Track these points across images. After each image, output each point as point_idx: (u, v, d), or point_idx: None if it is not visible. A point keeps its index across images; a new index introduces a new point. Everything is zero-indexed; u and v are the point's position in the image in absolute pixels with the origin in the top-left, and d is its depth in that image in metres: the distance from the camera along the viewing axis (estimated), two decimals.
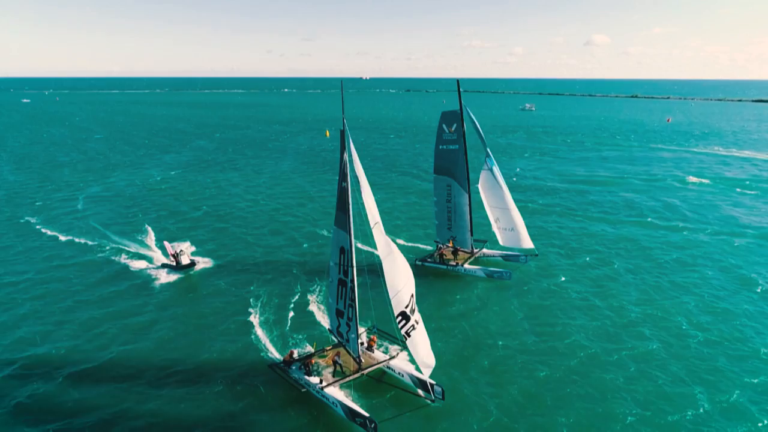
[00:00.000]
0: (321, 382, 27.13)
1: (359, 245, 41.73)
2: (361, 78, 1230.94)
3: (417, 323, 25.98)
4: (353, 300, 27.80)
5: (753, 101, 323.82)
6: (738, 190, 75.16)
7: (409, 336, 25.58)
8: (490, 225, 45.66)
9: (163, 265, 45.69)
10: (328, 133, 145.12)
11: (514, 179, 79.77)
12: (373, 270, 28.54)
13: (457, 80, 48.73)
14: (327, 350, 30.24)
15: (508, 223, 44.39)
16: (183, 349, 32.25)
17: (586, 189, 75.95)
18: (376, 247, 26.52)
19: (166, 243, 47.30)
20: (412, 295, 25.92)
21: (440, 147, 45.08)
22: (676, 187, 77.70)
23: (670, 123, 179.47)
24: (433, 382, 26.68)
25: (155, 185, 78.22)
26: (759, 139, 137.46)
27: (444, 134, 44.49)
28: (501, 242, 45.28)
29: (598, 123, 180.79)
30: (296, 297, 39.30)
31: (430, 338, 27.02)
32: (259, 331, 34.23)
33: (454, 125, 43.62)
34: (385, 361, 28.99)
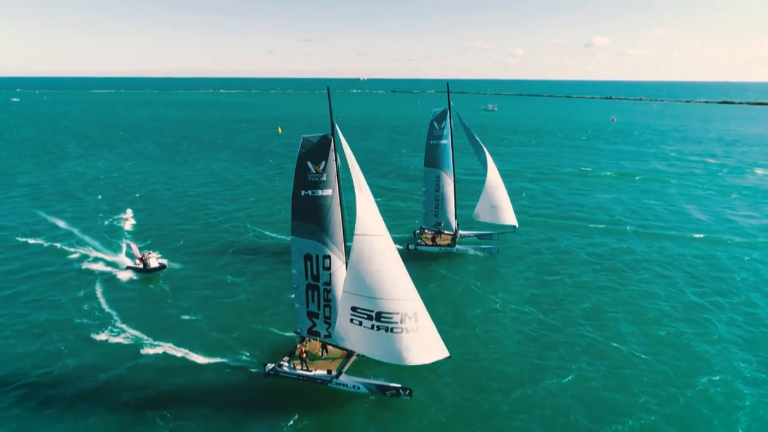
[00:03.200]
0: (330, 372, 26.83)
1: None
2: (358, 79, 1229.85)
3: (416, 325, 25.21)
4: (329, 300, 28.03)
5: (718, 102, 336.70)
6: (634, 191, 78.66)
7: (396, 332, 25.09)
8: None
9: (129, 268, 43.41)
10: (280, 130, 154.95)
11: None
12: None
13: (447, 82, 53.76)
14: (307, 341, 29.84)
15: (496, 200, 48.88)
16: (172, 365, 30.44)
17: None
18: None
19: (132, 245, 45.39)
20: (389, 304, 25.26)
21: (431, 142, 49.48)
22: (571, 178, 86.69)
23: (614, 122, 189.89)
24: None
25: (100, 176, 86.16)
26: (684, 137, 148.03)
27: (435, 131, 48.94)
28: (487, 219, 49.63)
29: (549, 122, 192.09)
30: (273, 294, 39.77)
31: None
32: (242, 335, 33.45)
33: (443, 122, 48.54)
34: None
